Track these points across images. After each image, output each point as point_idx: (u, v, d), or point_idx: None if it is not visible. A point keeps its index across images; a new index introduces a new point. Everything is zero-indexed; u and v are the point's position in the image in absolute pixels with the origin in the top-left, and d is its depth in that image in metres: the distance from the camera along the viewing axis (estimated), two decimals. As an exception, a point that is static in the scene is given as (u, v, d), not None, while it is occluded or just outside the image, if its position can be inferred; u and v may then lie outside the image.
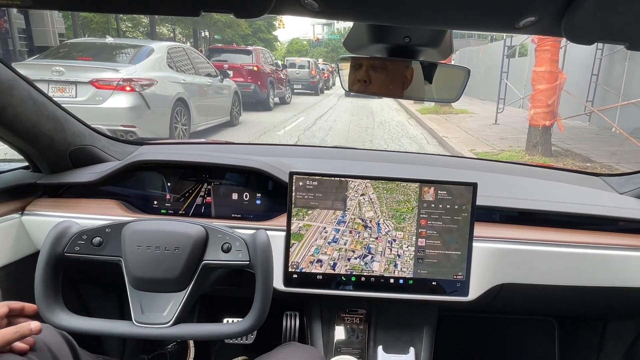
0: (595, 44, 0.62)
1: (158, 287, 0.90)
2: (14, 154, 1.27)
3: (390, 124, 11.14)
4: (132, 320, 0.89)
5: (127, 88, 5.48)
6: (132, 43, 6.91)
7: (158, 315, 0.89)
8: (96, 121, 4.90)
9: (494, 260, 1.21)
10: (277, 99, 13.08)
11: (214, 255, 0.92)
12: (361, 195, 1.15)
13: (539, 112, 6.86)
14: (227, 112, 8.48)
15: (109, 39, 6.81)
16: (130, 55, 6.17)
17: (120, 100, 5.45)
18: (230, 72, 9.60)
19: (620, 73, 9.43)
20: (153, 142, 1.71)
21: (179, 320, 0.90)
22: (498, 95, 11.30)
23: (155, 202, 1.34)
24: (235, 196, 1.33)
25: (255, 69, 10.99)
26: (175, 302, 0.90)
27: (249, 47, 12.62)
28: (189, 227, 0.92)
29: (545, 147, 7.00)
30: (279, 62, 15.36)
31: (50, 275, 0.88)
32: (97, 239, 0.90)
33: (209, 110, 7.60)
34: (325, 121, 10.94)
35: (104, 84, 5.43)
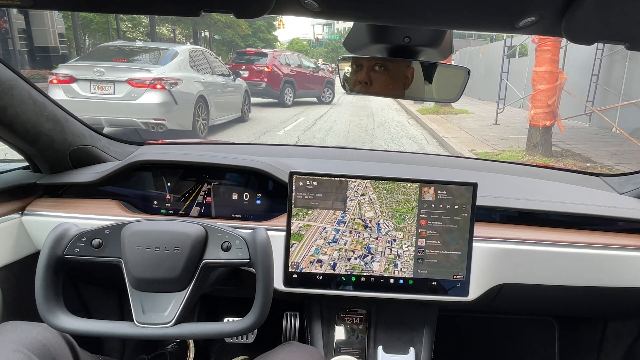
0: (596, 44, 0.62)
1: (159, 287, 0.90)
2: (14, 154, 1.27)
3: (390, 124, 11.14)
4: (133, 320, 0.89)
5: (158, 86, 6.33)
6: (159, 46, 7.95)
7: (159, 316, 0.89)
8: (131, 115, 6.20)
9: (494, 260, 1.21)
10: (313, 99, 14.45)
11: (214, 254, 0.92)
12: (361, 195, 1.15)
13: (539, 113, 6.84)
14: (239, 109, 9.25)
15: (139, 43, 7.98)
16: (158, 57, 7.08)
17: (152, 97, 6.29)
18: (247, 72, 11.49)
19: (620, 73, 9.43)
20: (153, 142, 1.71)
21: (181, 319, 0.90)
22: (498, 96, 11.29)
23: (155, 202, 1.34)
24: (235, 196, 1.33)
25: (266, 69, 12.12)
26: (176, 301, 0.90)
27: (268, 50, 13.83)
28: (189, 227, 0.92)
29: (545, 148, 6.99)
30: (317, 64, 15.83)
31: (51, 278, 0.88)
32: (96, 241, 0.90)
33: (224, 106, 8.40)
34: (325, 121, 10.94)
35: (138, 83, 6.26)
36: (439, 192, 1.14)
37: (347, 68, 0.94)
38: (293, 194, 1.15)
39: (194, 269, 0.91)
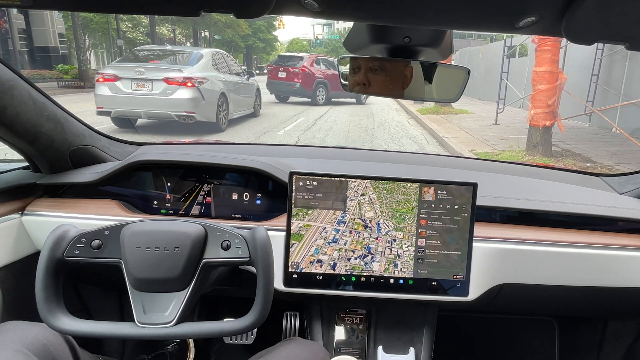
0: (596, 44, 0.62)
1: (159, 287, 0.90)
2: (14, 154, 1.27)
3: (390, 124, 11.13)
4: (134, 321, 0.89)
5: (189, 84, 7.45)
6: (186, 50, 9.41)
7: (160, 315, 0.89)
8: (166, 109, 7.41)
9: (494, 260, 1.21)
10: (351, 99, 15.77)
11: (214, 253, 0.92)
12: (361, 195, 1.15)
13: (539, 113, 6.83)
14: (252, 105, 10.40)
15: (168, 47, 9.39)
16: (186, 59, 8.20)
17: (184, 93, 7.44)
18: (284, 73, 13.66)
19: (620, 73, 9.41)
20: (153, 142, 1.71)
21: (181, 319, 0.90)
22: (498, 96, 11.27)
23: (155, 202, 1.34)
24: (235, 196, 1.33)
25: (300, 71, 13.67)
26: (177, 301, 0.90)
27: (305, 54, 15.37)
28: (188, 226, 0.92)
29: (545, 148, 6.97)
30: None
31: (51, 280, 0.88)
32: (96, 242, 0.90)
33: (240, 103, 9.55)
34: (325, 121, 10.94)
35: (173, 81, 7.42)
36: (439, 192, 1.14)
37: (347, 68, 0.94)
38: (293, 194, 1.15)
39: (194, 268, 0.91)
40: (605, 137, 8.80)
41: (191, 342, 1.61)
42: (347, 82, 0.95)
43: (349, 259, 1.17)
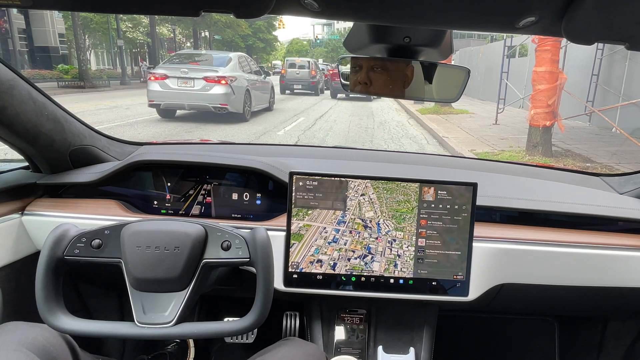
0: (596, 44, 0.62)
1: (159, 287, 0.90)
2: (14, 154, 1.27)
3: (390, 124, 11.13)
4: (134, 321, 0.89)
5: (223, 82, 9.39)
6: (218, 54, 11.18)
7: (160, 315, 0.89)
8: (205, 101, 9.45)
9: (494, 260, 1.21)
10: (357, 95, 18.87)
11: (214, 254, 0.92)
12: (361, 195, 1.15)
13: (540, 113, 6.82)
14: (267, 101, 12.31)
15: (203, 51, 11.68)
16: (218, 61, 10.13)
17: (220, 89, 9.39)
18: (329, 73, 18.55)
19: (620, 73, 9.40)
20: (153, 142, 1.71)
21: (181, 319, 0.90)
22: (498, 96, 11.26)
23: (156, 202, 1.33)
24: (235, 196, 1.33)
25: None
26: (176, 301, 0.90)
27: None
28: (188, 226, 0.92)
29: (545, 148, 6.97)
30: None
31: (51, 279, 0.88)
32: (96, 241, 0.90)
33: (260, 98, 11.46)
34: (325, 121, 10.94)
35: (210, 79, 9.35)
36: (439, 192, 1.14)
37: (347, 68, 0.94)
38: (293, 194, 1.15)
39: (194, 268, 0.91)
40: (605, 137, 8.80)
41: (191, 342, 1.61)
42: (347, 82, 0.95)
43: (349, 259, 1.17)
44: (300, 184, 1.14)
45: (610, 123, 8.89)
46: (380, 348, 1.27)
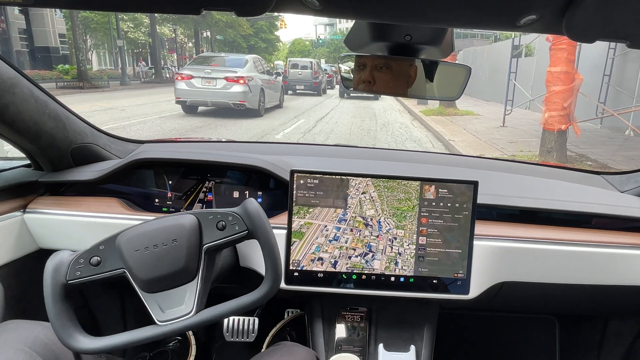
0: (608, 43, 0.62)
1: (169, 284, 0.90)
2: (15, 151, 1.27)
3: (393, 126, 11.06)
4: (155, 322, 0.89)
5: (241, 81, 10.67)
6: (235, 56, 12.55)
7: (179, 309, 0.89)
8: (225, 99, 10.72)
9: (495, 258, 1.21)
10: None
11: (212, 237, 0.93)
12: (362, 193, 1.15)
13: (554, 116, 6.34)
14: (278, 99, 13.67)
15: (222, 54, 13.32)
16: (236, 62, 11.43)
17: (239, 88, 10.68)
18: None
19: (633, 74, 8.98)
20: (154, 140, 1.72)
21: (200, 307, 0.90)
22: (506, 97, 10.85)
23: (157, 200, 1.34)
24: (236, 194, 1.33)
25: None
26: (190, 292, 0.90)
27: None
28: (180, 218, 0.92)
29: (560, 153, 6.49)
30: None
31: (62, 306, 0.87)
32: (94, 259, 0.89)
33: (271, 96, 12.71)
34: (326, 123, 10.90)
35: (231, 79, 10.62)
36: (439, 190, 1.14)
37: (349, 66, 0.95)
38: (294, 192, 1.15)
39: (197, 257, 0.91)
40: (619, 140, 8.51)
41: (192, 339, 1.61)
42: (350, 80, 0.96)
43: (349, 257, 1.17)
44: (301, 182, 1.15)
45: (625, 123, 8.43)
46: (381, 346, 1.27)
